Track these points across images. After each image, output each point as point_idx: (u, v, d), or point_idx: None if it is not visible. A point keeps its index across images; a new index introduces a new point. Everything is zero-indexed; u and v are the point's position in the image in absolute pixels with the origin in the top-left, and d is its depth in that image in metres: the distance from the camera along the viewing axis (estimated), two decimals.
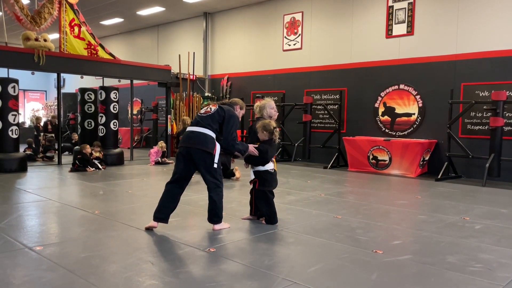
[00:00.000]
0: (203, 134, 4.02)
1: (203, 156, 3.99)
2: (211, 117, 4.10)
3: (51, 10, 9.39)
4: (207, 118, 4.10)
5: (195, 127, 4.07)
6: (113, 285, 2.75)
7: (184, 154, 4.04)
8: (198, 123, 4.09)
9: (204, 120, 4.09)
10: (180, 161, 4.09)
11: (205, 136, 4.02)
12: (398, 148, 8.68)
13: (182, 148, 4.08)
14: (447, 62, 8.76)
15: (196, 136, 4.01)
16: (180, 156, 4.08)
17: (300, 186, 7.04)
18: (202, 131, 4.03)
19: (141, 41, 16.42)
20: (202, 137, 4.01)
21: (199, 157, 3.99)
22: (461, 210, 5.35)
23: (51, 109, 18.90)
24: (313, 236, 3.98)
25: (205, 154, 3.99)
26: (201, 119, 4.11)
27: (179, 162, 4.10)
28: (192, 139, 4.02)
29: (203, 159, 4.00)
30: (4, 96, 8.17)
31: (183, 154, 4.06)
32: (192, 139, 4.02)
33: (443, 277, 3.02)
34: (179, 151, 4.12)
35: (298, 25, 11.33)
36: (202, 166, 4.02)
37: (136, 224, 4.26)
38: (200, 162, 4.00)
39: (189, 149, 4.01)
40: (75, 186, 6.89)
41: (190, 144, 4.01)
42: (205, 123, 4.07)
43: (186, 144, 4.04)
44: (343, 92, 10.27)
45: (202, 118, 4.11)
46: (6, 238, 3.77)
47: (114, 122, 10.07)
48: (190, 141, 4.02)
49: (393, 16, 9.51)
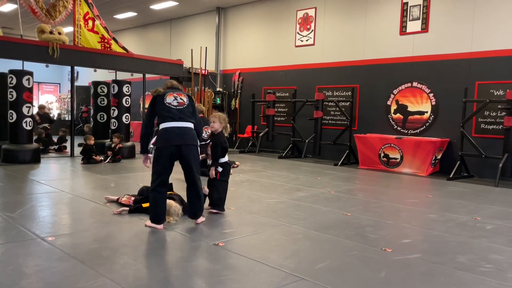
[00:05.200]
0: (190, 129, 3.97)
1: (193, 151, 3.96)
2: (187, 109, 4.02)
3: (66, 3, 9.47)
4: (185, 111, 4.00)
5: (179, 122, 3.92)
6: (123, 277, 2.78)
7: (173, 152, 3.88)
8: (181, 118, 3.94)
9: (184, 113, 3.98)
10: (165, 161, 3.90)
11: (192, 130, 3.98)
12: (410, 146, 8.61)
13: (171, 147, 3.87)
14: (462, 60, 8.64)
15: (186, 133, 3.93)
16: (166, 156, 3.88)
17: (310, 182, 7.03)
18: (188, 126, 3.97)
19: (154, 35, 16.49)
20: (191, 133, 3.96)
21: (190, 152, 3.93)
22: (472, 209, 5.30)
23: (65, 101, 19.10)
24: (322, 233, 3.98)
25: (195, 148, 3.98)
26: (181, 112, 3.96)
27: (164, 162, 3.89)
28: (182, 136, 3.90)
29: (193, 154, 3.96)
30: (18, 88, 8.27)
31: (172, 152, 3.88)
32: (182, 136, 3.90)
33: (453, 276, 3.00)
34: (165, 150, 3.88)
35: (311, 21, 11.27)
36: (192, 161, 3.96)
37: (146, 217, 4.30)
38: (190, 157, 3.94)
39: (180, 147, 3.88)
40: (87, 178, 6.97)
41: (181, 141, 3.88)
42: (186, 116, 3.98)
43: (176, 142, 3.87)
44: (355, 89, 10.21)
45: (181, 111, 3.97)
46: (19, 228, 3.84)
47: (126, 116, 10.15)
48: (181, 138, 3.89)
49: (407, 13, 9.41)
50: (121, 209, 4.53)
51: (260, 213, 4.71)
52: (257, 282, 2.78)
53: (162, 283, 2.75)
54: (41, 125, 11.13)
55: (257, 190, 6.14)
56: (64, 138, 11.11)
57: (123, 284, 2.65)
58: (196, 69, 12.53)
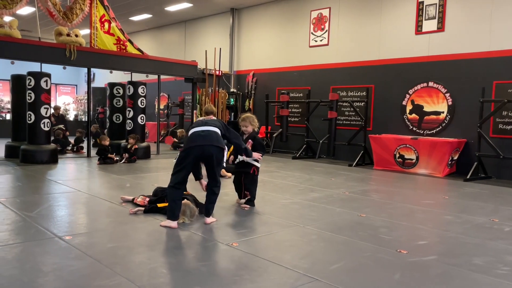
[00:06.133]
0: (215, 132, 4.15)
1: (217, 152, 4.09)
2: (215, 121, 4.34)
3: (83, 6, 9.62)
4: (212, 121, 4.32)
5: (204, 127, 4.16)
6: (138, 276, 2.82)
7: (197, 153, 4.05)
8: (206, 124, 4.21)
9: (210, 122, 4.28)
10: (189, 161, 4.06)
11: (217, 134, 4.16)
12: (426, 147, 8.51)
13: (196, 148, 4.04)
14: (479, 59, 8.51)
15: (209, 135, 4.10)
16: (192, 156, 4.04)
17: (324, 183, 7.01)
18: (213, 130, 4.16)
19: (168, 36, 16.63)
20: (214, 135, 4.12)
21: (213, 153, 4.06)
22: (489, 211, 5.21)
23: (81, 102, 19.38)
24: (336, 234, 3.97)
25: (219, 150, 4.11)
26: (208, 121, 4.29)
27: (188, 163, 4.06)
28: (205, 137, 4.07)
29: (216, 156, 4.09)
30: (36, 90, 8.43)
31: (196, 153, 4.05)
32: (206, 137, 4.07)
33: (469, 278, 2.97)
34: (189, 151, 4.04)
35: (325, 21, 11.23)
36: (216, 162, 4.11)
37: (161, 217, 4.34)
38: (214, 158, 4.08)
39: (203, 147, 4.03)
40: (103, 178, 7.07)
41: (205, 142, 4.05)
42: (213, 124, 4.23)
43: (200, 143, 4.04)
44: (370, 89, 10.14)
45: (208, 121, 4.31)
46: (37, 227, 3.92)
47: (141, 117, 10.25)
48: (205, 139, 4.06)
49: (423, 12, 9.30)
50: (136, 209, 4.58)
51: (274, 213, 4.71)
52: (271, 282, 2.79)
53: (177, 282, 2.78)
54: (57, 126, 11.32)
55: (271, 190, 6.14)
56: (81, 139, 11.27)
57: (138, 283, 2.69)
58: (210, 70, 12.59)
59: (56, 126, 11.26)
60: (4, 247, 3.32)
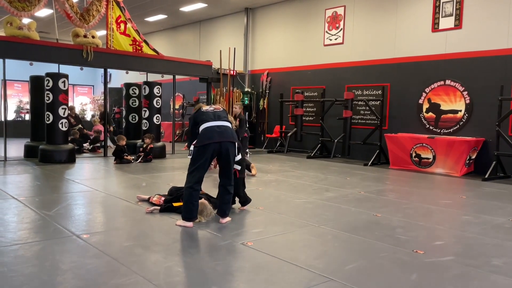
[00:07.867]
0: (229, 127, 4.16)
1: (232, 148, 4.11)
2: (224, 112, 4.27)
3: (99, 7, 9.75)
4: (223, 113, 4.24)
5: (218, 122, 4.11)
6: (155, 274, 2.85)
7: (214, 149, 4.03)
8: (220, 118, 4.15)
9: (222, 114, 4.21)
10: (206, 159, 4.02)
11: (231, 129, 4.17)
12: (443, 146, 8.39)
13: (213, 145, 4.00)
14: (497, 57, 8.35)
15: (225, 131, 4.10)
16: (207, 154, 4.00)
17: (339, 183, 6.97)
18: (227, 125, 4.16)
19: (183, 37, 16.73)
20: (230, 131, 4.13)
21: (229, 149, 4.08)
22: (509, 211, 5.12)
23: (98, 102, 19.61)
24: (352, 234, 3.94)
25: (234, 145, 4.13)
26: (219, 114, 4.20)
27: (204, 160, 4.01)
28: (222, 133, 4.06)
29: (232, 151, 4.11)
30: (54, 91, 8.57)
31: (213, 150, 4.02)
32: (222, 133, 4.06)
33: (487, 280, 2.92)
34: (206, 148, 3.99)
35: (340, 19, 11.16)
36: (232, 158, 4.13)
37: (177, 216, 4.37)
38: (230, 154, 4.10)
39: (221, 144, 4.04)
40: (119, 177, 7.15)
41: (222, 138, 4.04)
42: (224, 117, 4.20)
43: (217, 139, 4.02)
44: (386, 87, 10.04)
45: (219, 113, 4.20)
46: (56, 225, 3.98)
47: (157, 116, 10.34)
48: (222, 136, 4.04)
49: (440, 9, 9.17)
50: (152, 208, 4.63)
51: (288, 213, 4.71)
52: (285, 282, 2.79)
53: (192, 281, 2.80)
54: (77, 126, 11.51)
55: (285, 190, 6.14)
56: (98, 138, 11.42)
57: (155, 281, 2.71)
58: (225, 69, 12.62)
59: (77, 126, 11.47)
60: (24, 245, 3.39)
